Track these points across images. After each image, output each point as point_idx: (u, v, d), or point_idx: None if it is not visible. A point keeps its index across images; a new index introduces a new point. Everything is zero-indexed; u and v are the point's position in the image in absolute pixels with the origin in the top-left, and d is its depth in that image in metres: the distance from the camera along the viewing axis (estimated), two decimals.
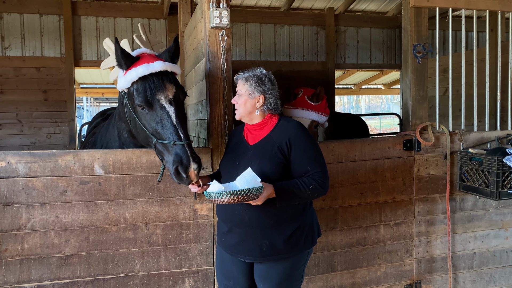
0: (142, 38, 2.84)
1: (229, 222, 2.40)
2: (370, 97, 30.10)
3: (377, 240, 3.40)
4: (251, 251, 2.34)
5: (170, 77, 2.48)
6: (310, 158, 2.31)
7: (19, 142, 5.80)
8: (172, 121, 2.36)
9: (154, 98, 2.39)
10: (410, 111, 3.50)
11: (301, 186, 2.24)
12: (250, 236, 2.33)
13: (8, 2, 5.75)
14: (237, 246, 2.38)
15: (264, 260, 2.35)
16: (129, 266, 2.84)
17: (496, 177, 3.10)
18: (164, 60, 2.52)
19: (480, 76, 3.61)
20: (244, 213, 2.32)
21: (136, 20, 6.24)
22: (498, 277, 3.71)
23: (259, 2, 6.76)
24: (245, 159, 2.37)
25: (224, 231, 2.45)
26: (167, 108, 2.38)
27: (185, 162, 2.26)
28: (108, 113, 4.50)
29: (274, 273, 2.36)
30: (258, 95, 2.37)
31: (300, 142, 2.32)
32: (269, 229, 2.32)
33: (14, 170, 2.62)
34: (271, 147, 2.33)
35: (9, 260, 2.65)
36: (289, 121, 2.43)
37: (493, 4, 3.57)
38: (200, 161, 2.33)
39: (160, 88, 2.40)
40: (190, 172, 2.27)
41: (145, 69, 2.41)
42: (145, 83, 2.40)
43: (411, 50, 3.44)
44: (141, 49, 2.73)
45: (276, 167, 2.29)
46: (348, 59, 7.23)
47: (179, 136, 2.32)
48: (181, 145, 2.29)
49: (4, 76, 5.73)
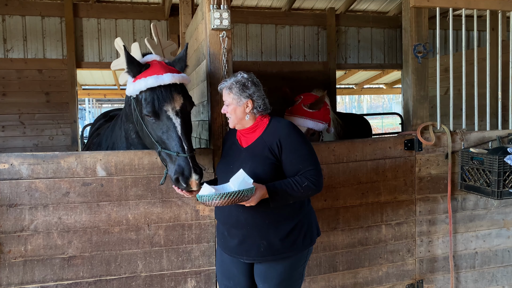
0: (154, 41, 2.83)
1: (226, 223, 2.43)
2: (371, 97, 30.04)
3: (379, 240, 3.41)
4: (249, 252, 2.36)
5: (178, 88, 2.49)
6: (302, 156, 2.31)
7: (21, 144, 5.83)
8: (178, 133, 2.38)
9: (161, 109, 2.41)
10: (411, 111, 3.51)
11: (293, 185, 2.24)
12: (248, 236, 2.35)
13: (10, 4, 5.78)
14: (236, 247, 2.40)
15: (263, 260, 2.36)
16: (131, 267, 2.85)
17: (497, 177, 3.10)
18: (174, 71, 2.52)
19: (481, 75, 3.62)
20: (239, 214, 2.33)
21: (137, 21, 6.27)
22: (500, 276, 3.71)
23: (260, 2, 6.78)
24: (238, 161, 2.38)
25: (223, 233, 2.48)
26: (173, 120, 2.41)
27: (186, 173, 2.31)
28: (111, 114, 4.51)
29: (274, 273, 2.37)
30: (246, 100, 2.36)
31: (291, 142, 2.32)
32: (266, 229, 2.33)
33: (17, 172, 2.64)
34: (262, 149, 2.34)
35: (12, 261, 2.66)
36: (279, 121, 2.43)
37: (494, 3, 3.57)
38: (201, 172, 2.36)
39: (168, 100, 2.41)
40: (191, 182, 2.31)
41: (155, 81, 2.42)
42: (153, 94, 2.42)
43: (411, 50, 3.44)
44: (151, 55, 2.71)
45: (268, 168, 2.30)
46: (349, 59, 7.24)
47: (183, 148, 2.35)
48: (184, 157, 2.33)
49: (7, 78, 5.76)
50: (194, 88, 3.82)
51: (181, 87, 2.53)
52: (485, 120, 3.71)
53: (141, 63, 2.57)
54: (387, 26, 7.35)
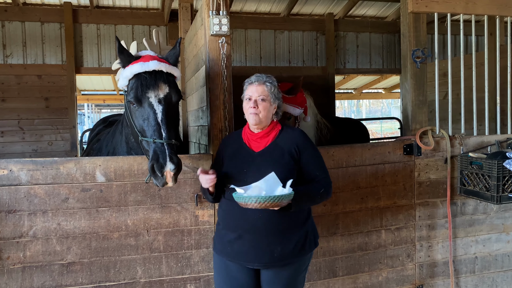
0: (152, 41, 2.86)
1: (239, 229, 2.37)
2: (370, 101, 30.09)
3: (379, 245, 3.40)
4: (261, 257, 2.35)
5: (165, 77, 2.48)
6: (318, 164, 2.42)
7: (20, 149, 5.83)
8: (157, 119, 2.36)
9: (144, 95, 2.40)
10: (410, 115, 3.52)
11: (314, 190, 2.32)
12: (262, 242, 2.34)
13: (9, 10, 5.80)
14: (247, 253, 2.36)
15: (273, 266, 2.37)
16: (131, 273, 2.84)
17: (496, 181, 3.11)
18: (164, 61, 2.53)
19: (479, 80, 3.63)
20: (257, 219, 2.31)
21: (136, 27, 6.28)
22: (500, 281, 3.71)
23: (259, 8, 6.80)
24: (253, 166, 2.36)
25: (231, 239, 2.40)
26: (155, 106, 2.39)
27: (161, 160, 2.25)
28: (110, 120, 4.52)
29: (281, 278, 2.39)
30: (275, 103, 2.44)
31: (308, 148, 2.42)
32: (281, 234, 2.34)
33: (16, 178, 2.64)
34: (281, 153, 2.37)
35: (11, 267, 2.66)
36: (293, 128, 2.52)
37: (491, 9, 3.59)
38: (179, 164, 2.31)
39: (152, 86, 2.40)
40: (166, 172, 2.25)
41: (140, 67, 2.44)
42: (138, 81, 2.43)
43: (410, 55, 3.46)
44: (146, 51, 2.75)
45: (288, 173, 2.31)
46: (348, 64, 7.26)
47: (160, 134, 2.32)
48: (160, 143, 2.29)
49: (6, 84, 5.77)
50: (193, 93, 3.83)
51: (169, 77, 2.51)
52: (484, 125, 3.72)
53: (132, 54, 2.59)
54: (385, 31, 7.38)
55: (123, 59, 2.53)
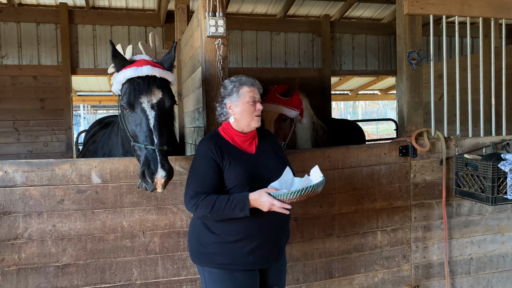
0: (148, 45, 2.85)
1: (264, 234, 2.30)
2: (366, 103, 30.18)
3: (374, 246, 3.41)
4: (277, 254, 2.43)
5: (158, 82, 2.46)
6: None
7: (16, 150, 5.80)
8: (149, 125, 2.35)
9: (136, 100, 2.39)
10: (406, 117, 3.53)
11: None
12: (278, 238, 2.41)
13: (5, 11, 5.78)
14: (268, 255, 2.35)
15: (281, 257, 2.47)
16: (126, 274, 2.83)
17: (491, 183, 3.12)
18: (159, 66, 2.52)
19: (474, 81, 3.65)
20: (283, 217, 2.31)
21: (132, 28, 6.28)
22: (495, 282, 3.72)
23: (255, 9, 6.81)
24: (260, 166, 2.35)
25: (252, 248, 2.29)
26: (147, 112, 2.38)
27: (152, 167, 2.24)
28: (106, 121, 4.50)
29: (282, 265, 2.51)
30: None
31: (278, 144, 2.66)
32: (285, 225, 2.46)
33: (11, 180, 2.63)
34: (274, 151, 2.48)
35: (6, 270, 2.64)
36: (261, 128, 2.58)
37: (486, 11, 3.61)
38: (171, 170, 2.28)
39: (144, 91, 2.39)
40: (157, 179, 2.24)
41: (133, 72, 2.42)
42: (131, 86, 2.42)
43: (405, 57, 3.47)
44: (141, 55, 2.73)
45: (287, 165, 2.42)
46: (344, 65, 7.28)
47: (152, 140, 2.32)
48: (152, 149, 2.29)
49: (1, 85, 5.74)
50: (189, 94, 3.82)
51: (162, 82, 2.49)
52: (479, 126, 3.74)
53: (126, 58, 2.57)
54: (381, 33, 7.41)
55: (117, 63, 2.51)
